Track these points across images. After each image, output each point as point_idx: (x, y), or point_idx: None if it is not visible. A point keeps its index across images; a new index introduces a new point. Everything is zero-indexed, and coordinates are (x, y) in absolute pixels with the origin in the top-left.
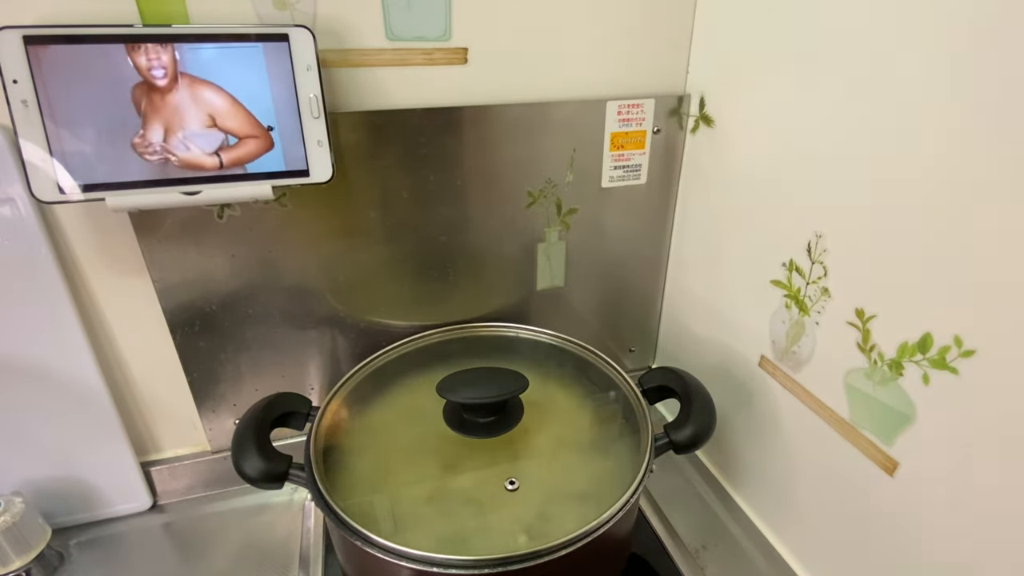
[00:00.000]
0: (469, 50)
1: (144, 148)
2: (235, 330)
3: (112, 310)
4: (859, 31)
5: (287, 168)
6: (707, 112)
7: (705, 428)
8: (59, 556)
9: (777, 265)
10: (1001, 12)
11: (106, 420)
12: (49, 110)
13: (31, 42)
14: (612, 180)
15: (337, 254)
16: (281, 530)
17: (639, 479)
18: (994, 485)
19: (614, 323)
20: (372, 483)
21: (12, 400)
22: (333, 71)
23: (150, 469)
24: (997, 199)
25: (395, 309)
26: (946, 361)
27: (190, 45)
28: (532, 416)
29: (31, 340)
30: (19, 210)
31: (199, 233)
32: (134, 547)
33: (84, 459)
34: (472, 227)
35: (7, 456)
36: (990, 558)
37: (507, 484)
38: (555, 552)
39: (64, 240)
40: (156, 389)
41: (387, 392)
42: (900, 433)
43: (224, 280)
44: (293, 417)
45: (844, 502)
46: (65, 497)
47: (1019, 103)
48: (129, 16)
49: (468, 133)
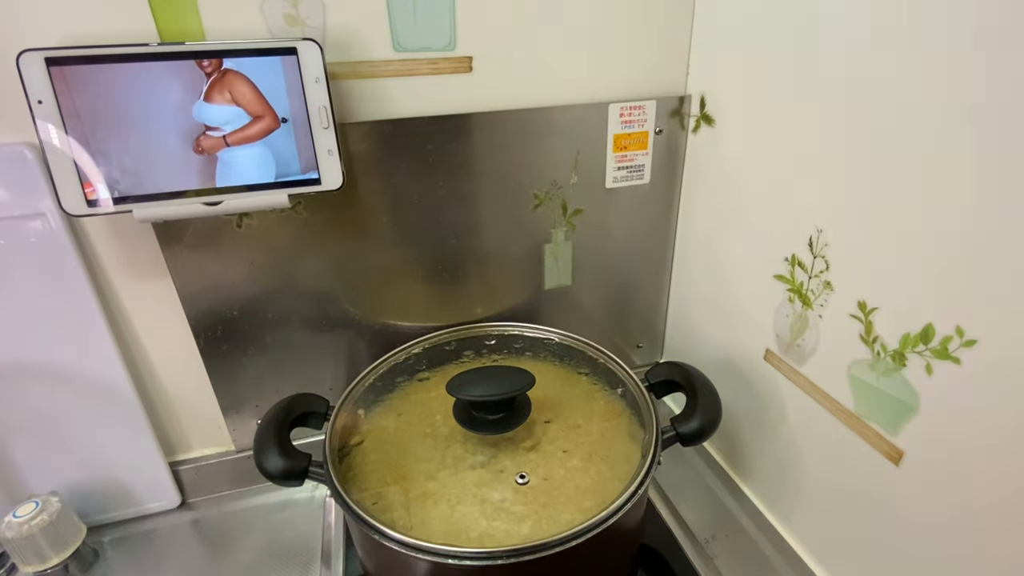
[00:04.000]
0: (474, 59)
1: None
2: (255, 334)
3: (139, 317)
4: (859, 30)
5: (301, 177)
6: (708, 112)
7: (711, 420)
8: (94, 552)
9: (779, 260)
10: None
11: (136, 422)
12: (74, 128)
13: (53, 63)
14: (616, 181)
15: (351, 259)
16: (303, 525)
17: (646, 471)
18: (997, 473)
19: (621, 320)
20: (387, 478)
21: (47, 405)
22: (343, 83)
23: (178, 468)
24: (996, 191)
25: (407, 311)
26: (948, 351)
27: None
28: (541, 412)
29: (63, 347)
30: (50, 224)
31: (219, 242)
32: (164, 543)
33: (116, 460)
34: (481, 230)
35: (44, 458)
36: (995, 546)
37: (517, 478)
38: (566, 543)
39: (92, 251)
40: (182, 392)
41: (400, 391)
42: (904, 423)
43: (244, 286)
44: (312, 416)
45: (851, 492)
46: (99, 496)
47: (1017, 100)
48: (148, 34)
49: (475, 139)
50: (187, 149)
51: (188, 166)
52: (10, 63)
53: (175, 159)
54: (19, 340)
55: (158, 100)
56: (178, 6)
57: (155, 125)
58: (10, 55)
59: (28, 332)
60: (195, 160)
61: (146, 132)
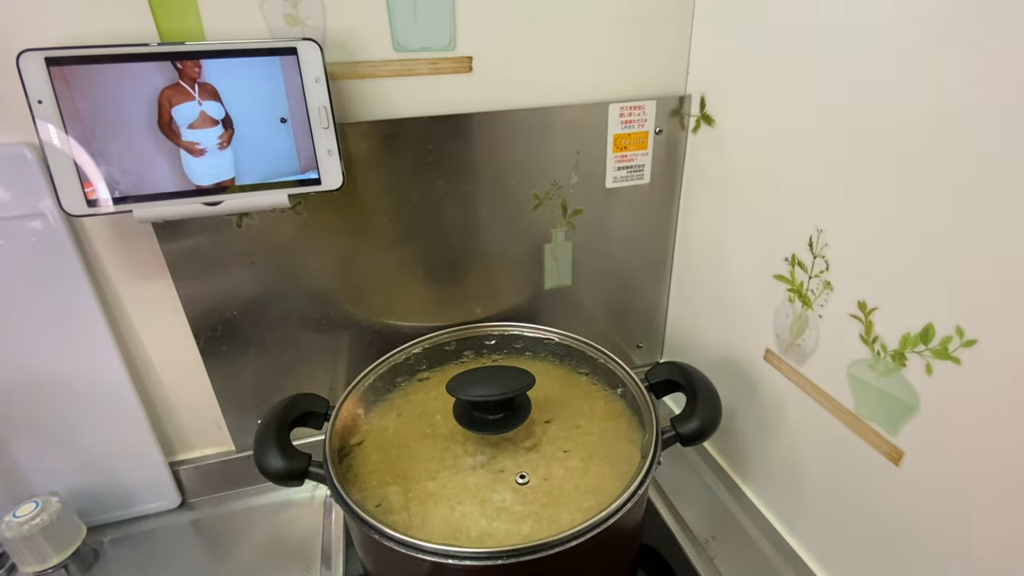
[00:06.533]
0: (474, 58)
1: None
2: (255, 334)
3: (139, 317)
4: (859, 30)
5: (301, 176)
6: (708, 112)
7: (711, 420)
8: (94, 552)
9: (780, 260)
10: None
11: (136, 422)
12: (74, 128)
13: (53, 63)
14: (616, 181)
15: (351, 259)
16: (304, 525)
17: (646, 470)
18: (997, 472)
19: (621, 320)
20: (387, 479)
21: (48, 405)
22: (343, 83)
23: (178, 469)
24: (996, 191)
25: (407, 310)
26: (948, 351)
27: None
28: (541, 412)
29: (63, 347)
30: (50, 223)
31: (219, 242)
32: (164, 543)
33: (116, 460)
34: (480, 230)
35: (44, 458)
36: (995, 546)
37: (517, 478)
38: (566, 543)
39: (92, 251)
40: (182, 392)
41: (400, 391)
42: (905, 423)
43: (244, 286)
44: (312, 416)
45: (851, 491)
46: (99, 496)
47: (1017, 100)
48: (148, 34)
49: (474, 139)
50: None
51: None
52: (10, 63)
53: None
54: (19, 340)
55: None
56: (178, 6)
57: (155, 125)
58: (10, 55)
59: (28, 332)
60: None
61: (146, 132)
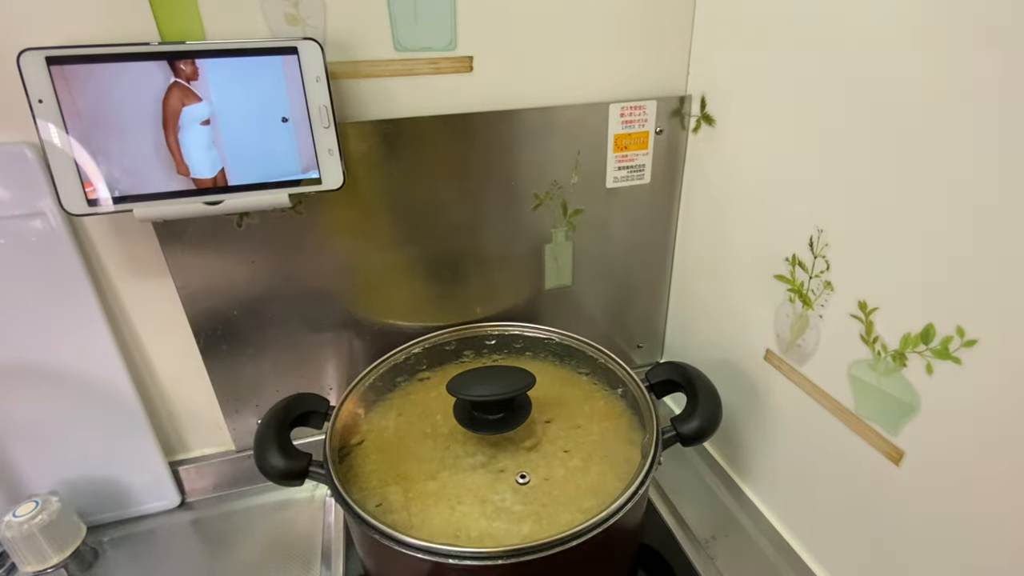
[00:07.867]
0: (474, 58)
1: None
2: (256, 333)
3: (139, 316)
4: (859, 30)
5: (302, 176)
6: (708, 112)
7: (711, 420)
8: (94, 552)
9: (780, 260)
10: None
11: (136, 422)
12: (75, 127)
13: (54, 62)
14: (616, 180)
15: (351, 258)
16: (304, 525)
17: (647, 471)
18: (998, 473)
19: (622, 320)
20: (387, 478)
21: (47, 404)
22: (343, 83)
23: (178, 468)
24: (997, 191)
25: (408, 310)
26: (949, 351)
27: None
28: (541, 412)
29: (64, 347)
30: (50, 223)
31: (220, 241)
32: (164, 542)
33: (116, 459)
34: (481, 229)
35: (43, 457)
36: (996, 546)
37: (518, 478)
38: (566, 543)
39: (92, 250)
40: (182, 391)
41: (400, 390)
42: (905, 423)
43: (244, 286)
44: (312, 416)
45: (852, 491)
46: (99, 496)
47: (1017, 100)
48: (148, 34)
49: (475, 139)
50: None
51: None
52: (11, 62)
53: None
54: (19, 340)
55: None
56: (179, 6)
57: (155, 124)
58: (11, 54)
59: (28, 331)
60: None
61: (147, 131)
